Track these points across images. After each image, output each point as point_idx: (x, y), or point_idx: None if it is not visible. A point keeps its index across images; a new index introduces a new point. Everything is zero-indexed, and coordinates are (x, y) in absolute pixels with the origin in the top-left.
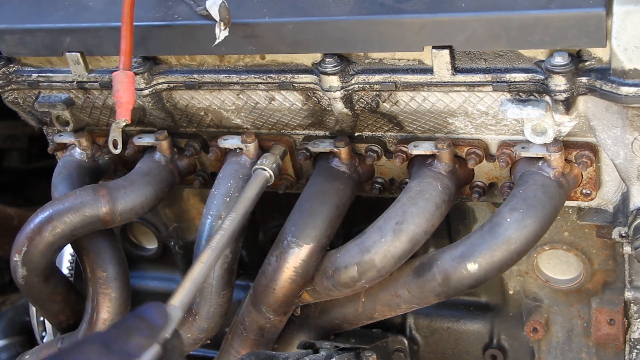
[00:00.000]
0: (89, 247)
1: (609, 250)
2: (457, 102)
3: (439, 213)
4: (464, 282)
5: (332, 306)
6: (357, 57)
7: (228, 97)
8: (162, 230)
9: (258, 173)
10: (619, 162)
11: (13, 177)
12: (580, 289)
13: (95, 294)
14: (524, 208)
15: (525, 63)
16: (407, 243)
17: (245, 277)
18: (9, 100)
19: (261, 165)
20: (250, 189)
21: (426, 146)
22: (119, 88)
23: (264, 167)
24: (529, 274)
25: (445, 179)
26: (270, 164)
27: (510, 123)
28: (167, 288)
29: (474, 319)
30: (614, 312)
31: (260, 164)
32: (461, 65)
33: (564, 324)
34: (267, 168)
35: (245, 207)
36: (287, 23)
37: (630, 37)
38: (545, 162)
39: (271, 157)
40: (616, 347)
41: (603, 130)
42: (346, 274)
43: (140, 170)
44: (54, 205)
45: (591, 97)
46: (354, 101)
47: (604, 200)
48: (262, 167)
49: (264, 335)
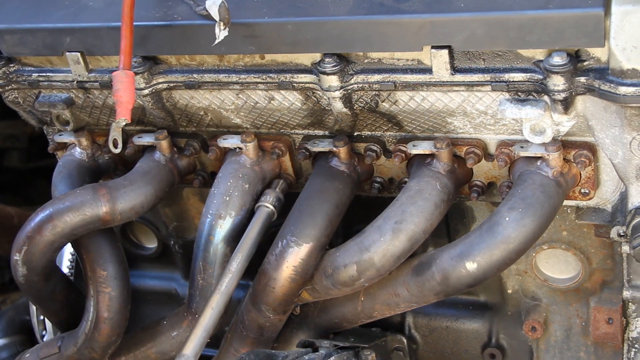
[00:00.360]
0: (89, 246)
1: (608, 249)
2: (456, 102)
3: (437, 212)
4: (463, 281)
5: (332, 305)
6: (357, 57)
7: (228, 96)
8: (162, 229)
9: (261, 210)
10: (618, 162)
11: (13, 177)
12: (578, 288)
13: (96, 293)
14: (522, 207)
15: (524, 63)
16: (406, 242)
17: (245, 276)
18: (9, 99)
19: (264, 203)
20: (254, 227)
21: (425, 146)
22: (119, 87)
23: (266, 205)
24: (527, 273)
25: (444, 178)
26: (273, 201)
27: (508, 123)
28: (167, 287)
29: (472, 318)
30: (612, 311)
31: (262, 201)
32: (460, 65)
33: (562, 323)
34: (269, 205)
35: (249, 246)
36: (286, 23)
37: (628, 37)
38: (544, 162)
39: (272, 193)
40: (614, 346)
41: (601, 130)
42: (345, 273)
43: (140, 169)
44: (54, 205)
45: (590, 96)
46: (353, 101)
47: (602, 199)
48: (265, 205)
49: (263, 334)
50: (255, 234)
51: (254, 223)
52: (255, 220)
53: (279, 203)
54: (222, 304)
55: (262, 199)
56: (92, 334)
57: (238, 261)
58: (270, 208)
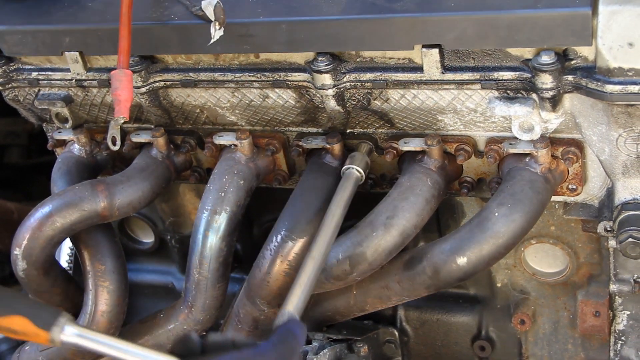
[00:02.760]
0: (88, 241)
1: (595, 244)
2: (446, 100)
3: (428, 208)
4: (453, 275)
5: (325, 298)
6: (349, 56)
7: (223, 94)
8: (159, 224)
9: (349, 173)
10: (604, 158)
11: (13, 173)
12: (566, 281)
13: (94, 287)
14: (511, 203)
15: (513, 62)
16: (397, 237)
17: (240, 271)
18: (9, 97)
19: (351, 165)
20: (344, 191)
21: (416, 143)
22: (118, 86)
23: (354, 167)
24: (516, 267)
25: (434, 174)
26: (360, 163)
27: (498, 120)
28: (164, 281)
29: (462, 311)
30: (599, 305)
31: (349, 164)
32: (450, 64)
33: (550, 316)
34: (357, 167)
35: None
36: (280, 23)
37: (615, 36)
38: (532, 158)
39: (359, 156)
40: (601, 339)
41: (589, 127)
42: (338, 267)
43: (138, 166)
44: (54, 200)
45: (577, 94)
46: (346, 99)
47: (589, 195)
48: (353, 167)
49: (258, 327)
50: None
51: (342, 187)
52: (344, 184)
53: (366, 167)
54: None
55: (349, 161)
56: (90, 327)
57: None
58: (358, 170)
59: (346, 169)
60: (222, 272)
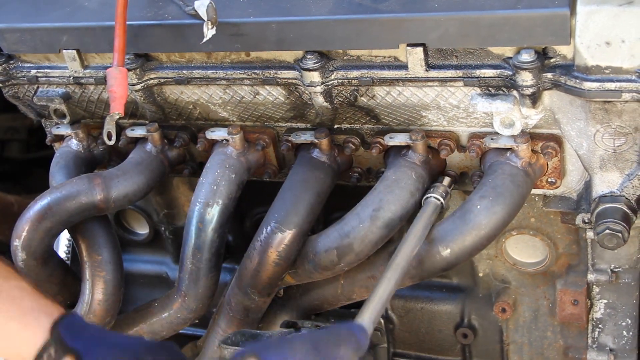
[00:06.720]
0: (85, 232)
1: (573, 235)
2: (430, 97)
3: (413, 200)
4: (437, 266)
5: (313, 288)
6: (337, 54)
7: (215, 91)
8: (154, 216)
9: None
10: (582, 153)
11: (13, 167)
12: (546, 271)
13: (91, 277)
14: (493, 196)
15: (494, 60)
16: (383, 229)
17: (232, 261)
18: (9, 94)
19: (433, 194)
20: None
21: (401, 138)
22: (113, 83)
23: (436, 197)
24: (497, 257)
25: (419, 168)
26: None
27: (480, 116)
28: (158, 270)
29: (446, 299)
30: (577, 293)
31: (431, 193)
32: (434, 62)
33: (530, 304)
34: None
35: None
36: (270, 22)
37: (592, 35)
38: (513, 153)
39: (441, 187)
40: (580, 326)
41: (567, 123)
42: (326, 258)
43: (133, 160)
44: (52, 193)
45: (556, 91)
46: (334, 95)
47: (568, 188)
48: (435, 197)
49: (249, 315)
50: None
51: (422, 214)
52: (424, 212)
53: (448, 197)
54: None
55: (431, 191)
56: (87, 316)
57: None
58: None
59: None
60: (215, 263)
